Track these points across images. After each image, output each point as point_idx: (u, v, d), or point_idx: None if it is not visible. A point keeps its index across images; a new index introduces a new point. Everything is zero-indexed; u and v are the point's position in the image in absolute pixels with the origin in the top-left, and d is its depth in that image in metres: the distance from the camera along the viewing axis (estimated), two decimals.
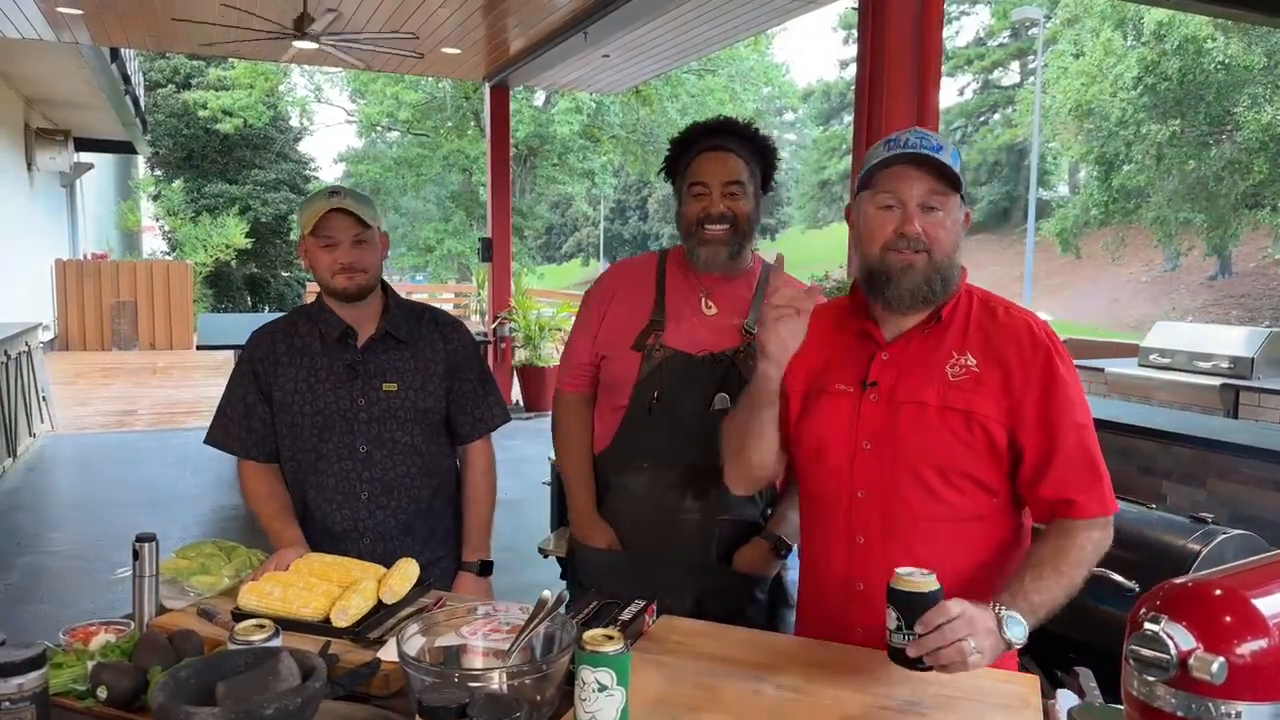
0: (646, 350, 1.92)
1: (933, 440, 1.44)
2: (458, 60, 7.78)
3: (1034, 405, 1.43)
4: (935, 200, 1.44)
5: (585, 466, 2.04)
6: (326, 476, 1.94)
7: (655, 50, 7.46)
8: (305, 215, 1.93)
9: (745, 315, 1.93)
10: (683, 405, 1.88)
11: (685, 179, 1.93)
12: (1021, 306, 1.52)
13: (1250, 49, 18.28)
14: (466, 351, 2.05)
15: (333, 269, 1.91)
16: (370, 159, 22.93)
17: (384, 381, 1.95)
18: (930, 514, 1.45)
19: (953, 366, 1.46)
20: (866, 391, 1.49)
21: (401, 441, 1.95)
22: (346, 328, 1.96)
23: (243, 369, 2.01)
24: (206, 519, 5.46)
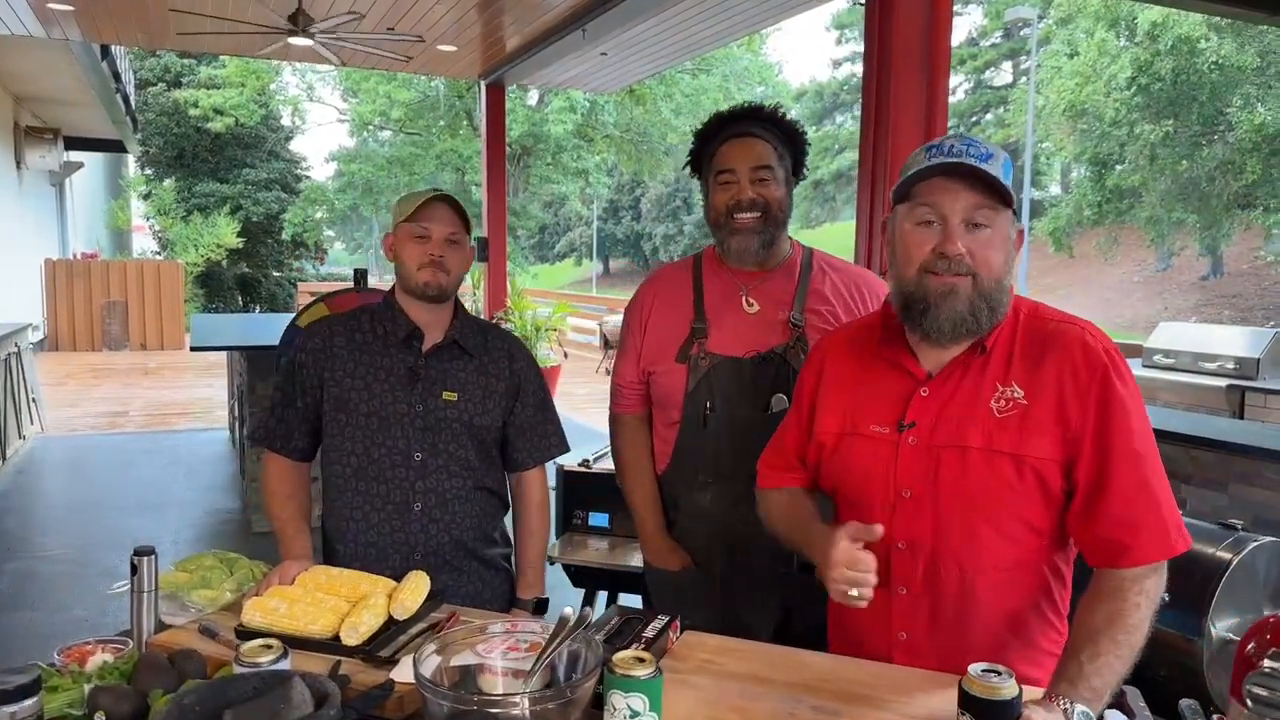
0: (691, 360, 1.84)
1: (977, 488, 1.31)
2: (454, 58, 7.70)
3: (1092, 435, 1.28)
4: (981, 216, 1.27)
5: (650, 488, 1.96)
6: (377, 483, 1.84)
7: (653, 48, 7.40)
8: (404, 204, 1.84)
9: (790, 308, 1.84)
10: (738, 412, 1.80)
11: (711, 169, 1.85)
12: (1076, 316, 1.37)
13: (1243, 49, 18.31)
14: (531, 375, 1.96)
15: (421, 261, 1.82)
16: (362, 158, 22.81)
17: (444, 390, 1.85)
18: (977, 564, 1.34)
19: (998, 400, 1.31)
20: (904, 434, 1.35)
21: (456, 455, 1.86)
22: (414, 329, 1.87)
23: (291, 358, 1.93)
24: (200, 523, 5.37)
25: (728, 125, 1.84)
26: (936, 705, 1.23)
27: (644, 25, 6.54)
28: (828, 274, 1.89)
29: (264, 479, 1.93)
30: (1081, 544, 1.33)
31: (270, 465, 1.92)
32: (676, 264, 2.02)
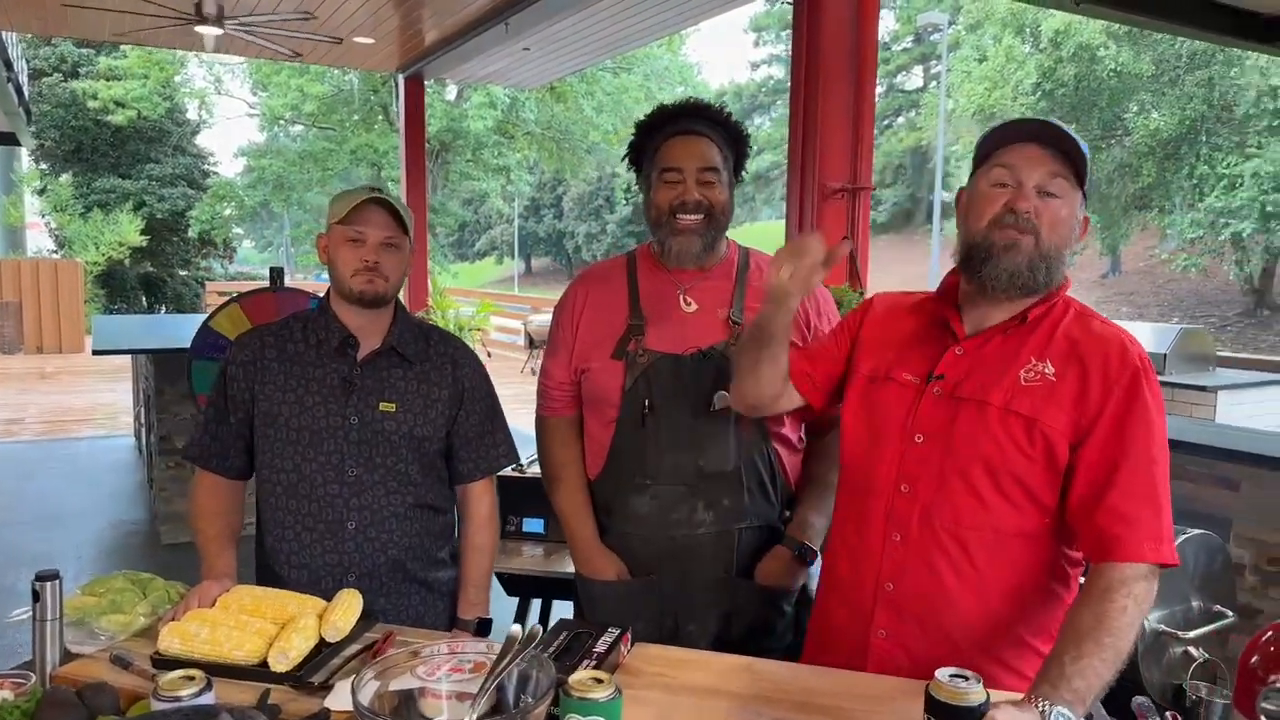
0: (629, 357, 1.77)
1: (989, 442, 1.34)
2: (371, 51, 7.50)
3: (1108, 424, 1.30)
4: (1056, 186, 1.33)
5: (581, 494, 1.88)
6: (309, 501, 1.73)
7: (576, 44, 7.34)
8: (338, 205, 1.74)
9: (729, 306, 1.80)
10: (678, 410, 1.75)
11: (654, 165, 1.79)
12: (1119, 325, 1.40)
13: (1139, 57, 19.16)
14: (477, 381, 1.86)
15: (355, 267, 1.72)
16: (273, 153, 22.11)
17: (381, 400, 1.75)
18: (974, 520, 1.35)
19: (1028, 371, 1.35)
20: (931, 384, 1.41)
21: (395, 469, 1.76)
22: (348, 336, 1.77)
23: (222, 371, 1.81)
24: (104, 537, 5.10)
25: (673, 121, 1.79)
26: (902, 712, 1.21)
27: (567, 21, 6.47)
28: (765, 273, 1.85)
29: (193, 493, 1.81)
30: (1079, 532, 1.34)
31: (202, 480, 1.80)
32: (608, 262, 1.96)
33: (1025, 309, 1.38)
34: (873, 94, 3.64)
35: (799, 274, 1.43)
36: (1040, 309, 1.39)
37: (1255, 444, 2.51)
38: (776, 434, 1.77)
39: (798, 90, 3.69)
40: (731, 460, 1.72)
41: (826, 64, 3.59)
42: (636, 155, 1.85)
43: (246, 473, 1.81)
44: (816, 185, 3.55)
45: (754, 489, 1.75)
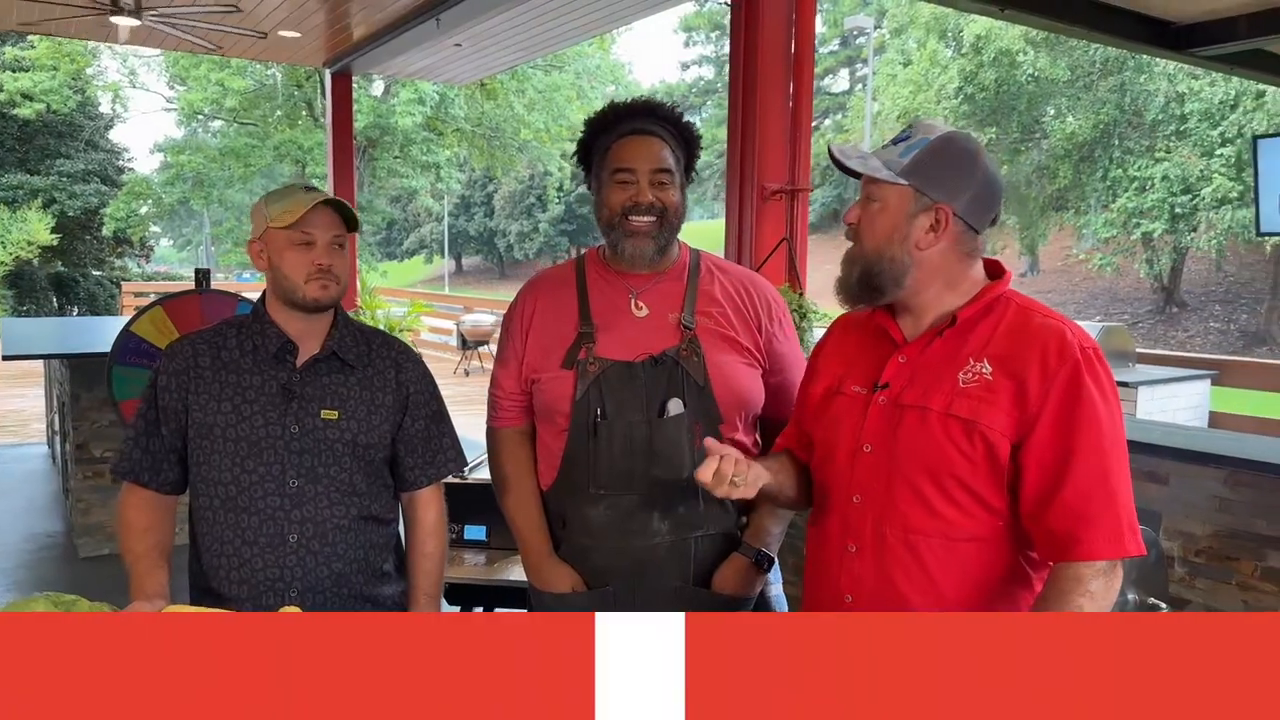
0: (579, 366, 1.73)
1: (929, 448, 1.34)
2: (297, 45, 7.30)
3: (1050, 420, 1.29)
4: (870, 190, 1.40)
5: (534, 506, 1.84)
6: (248, 515, 1.65)
7: (509, 41, 7.26)
8: (278, 207, 1.66)
9: (680, 310, 1.77)
10: (631, 418, 1.71)
11: (605, 166, 1.75)
12: (1064, 316, 1.39)
13: (1055, 63, 19.78)
14: (422, 385, 1.81)
15: (308, 273, 1.65)
16: (192, 149, 21.41)
17: (323, 407, 1.69)
18: (923, 527, 1.35)
19: (965, 373, 1.35)
20: (876, 393, 1.42)
21: (338, 479, 1.69)
22: (286, 342, 1.70)
23: (152, 382, 1.72)
24: (18, 550, 4.85)
25: (625, 120, 1.76)
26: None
27: (501, 17, 6.39)
28: (716, 276, 1.84)
29: (120, 509, 1.72)
30: (1033, 534, 1.33)
31: (129, 496, 1.71)
32: (557, 268, 1.92)
33: (953, 310, 1.39)
34: (810, 95, 3.66)
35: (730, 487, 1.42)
36: (972, 309, 1.38)
37: (1184, 440, 2.60)
38: (731, 440, 1.75)
39: (736, 91, 3.70)
40: (687, 467, 1.70)
41: (764, 65, 3.61)
42: (585, 154, 1.81)
43: (180, 487, 1.73)
44: (756, 186, 3.56)
45: (710, 496, 1.72)
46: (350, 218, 1.70)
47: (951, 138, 1.38)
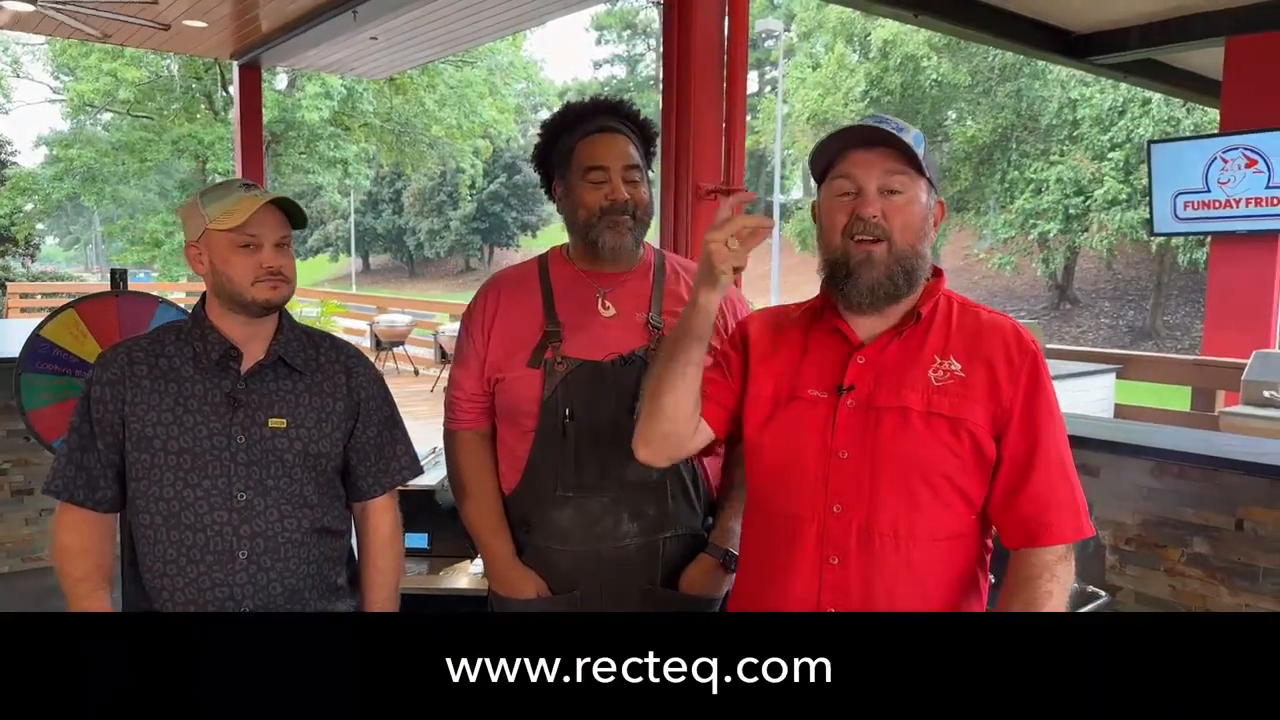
0: (546, 365, 1.69)
1: (919, 448, 1.33)
2: (202, 36, 7.00)
3: (1020, 412, 1.33)
4: (896, 182, 1.33)
5: (495, 510, 1.79)
6: (193, 531, 1.56)
7: (426, 36, 7.11)
8: (218, 207, 1.57)
9: (647, 310, 1.75)
10: (600, 419, 1.68)
11: (573, 165, 1.72)
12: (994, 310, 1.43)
13: (957, 68, 20.48)
14: (373, 390, 1.73)
15: (255, 276, 1.56)
16: (82, 142, 20.36)
17: (271, 416, 1.60)
18: (912, 529, 1.34)
19: (935, 370, 1.34)
20: (843, 397, 1.37)
21: (289, 491, 1.61)
22: (230, 347, 1.61)
23: (85, 393, 1.61)
24: None
25: (590, 118, 1.73)
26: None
27: (419, 11, 6.25)
28: (681, 275, 1.83)
29: (55, 532, 1.61)
30: (1001, 523, 1.36)
31: (64, 516, 1.60)
32: (518, 267, 1.88)
33: (914, 306, 1.39)
34: (744, 94, 3.67)
35: (741, 236, 1.31)
36: (928, 306, 1.38)
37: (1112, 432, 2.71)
38: None
39: (669, 90, 3.68)
40: (656, 469, 1.68)
41: (698, 64, 3.60)
42: (544, 155, 1.78)
43: (118, 504, 1.63)
44: (690, 186, 3.55)
45: (678, 496, 1.73)
46: (297, 214, 1.63)
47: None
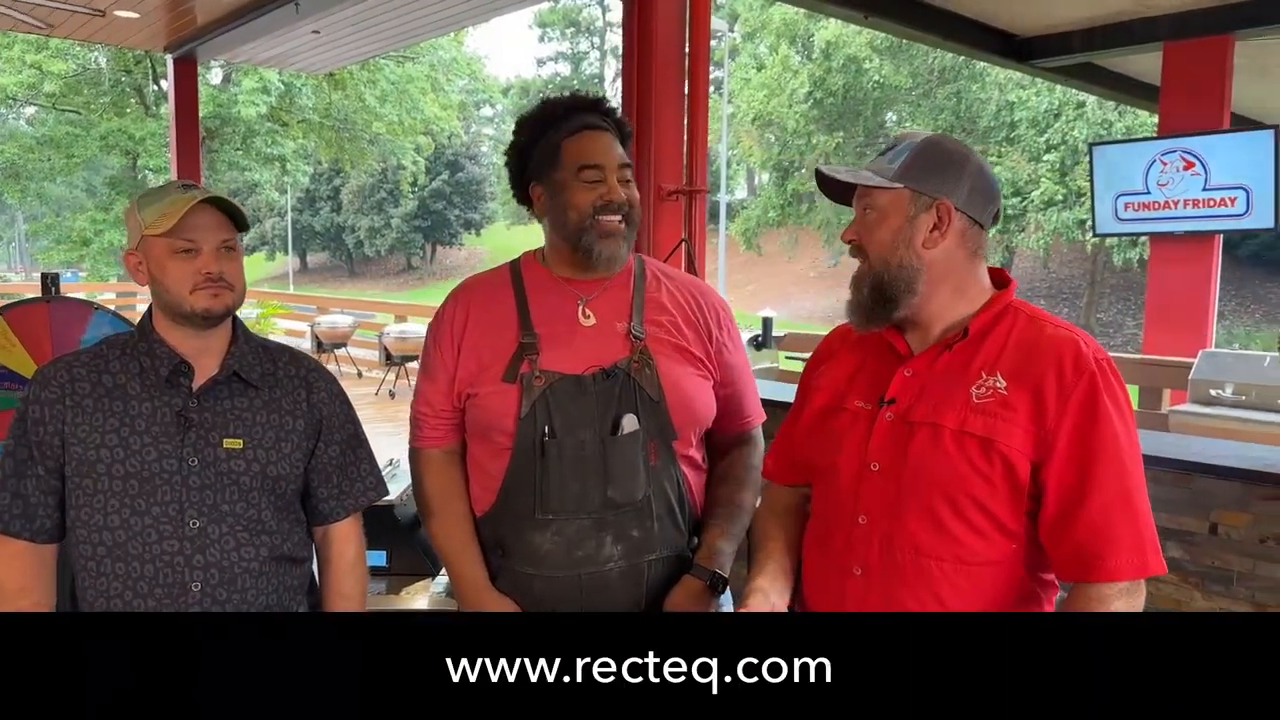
0: (524, 380, 1.59)
1: (945, 467, 1.28)
2: (135, 26, 6.71)
3: (1070, 436, 1.24)
4: (864, 203, 1.36)
5: (467, 533, 1.68)
6: (141, 563, 1.44)
7: (370, 31, 6.93)
8: (153, 210, 1.45)
9: (629, 319, 1.66)
10: (581, 436, 1.58)
11: (562, 165, 1.62)
12: (1074, 325, 1.35)
13: (899, 70, 20.78)
14: (336, 407, 1.63)
15: (194, 283, 1.45)
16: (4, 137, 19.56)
17: (226, 436, 1.49)
18: (936, 551, 1.29)
19: (979, 388, 1.29)
20: (883, 409, 1.35)
21: (246, 517, 1.49)
22: (180, 362, 1.49)
23: (21, 414, 1.48)
24: None
25: (575, 114, 1.63)
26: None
27: (363, 6, 6.08)
28: (663, 282, 1.74)
29: None
30: (1054, 554, 1.28)
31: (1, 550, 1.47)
32: (489, 273, 1.78)
33: (963, 320, 1.34)
34: (706, 95, 3.62)
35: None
36: (982, 318, 1.33)
37: None
38: (684, 456, 1.66)
39: (630, 90, 3.61)
40: (642, 488, 1.59)
41: (659, 63, 3.54)
42: (524, 153, 1.68)
43: (58, 534, 1.50)
44: (652, 187, 3.49)
45: (663, 516, 1.63)
46: (238, 216, 1.51)
47: (937, 138, 1.37)
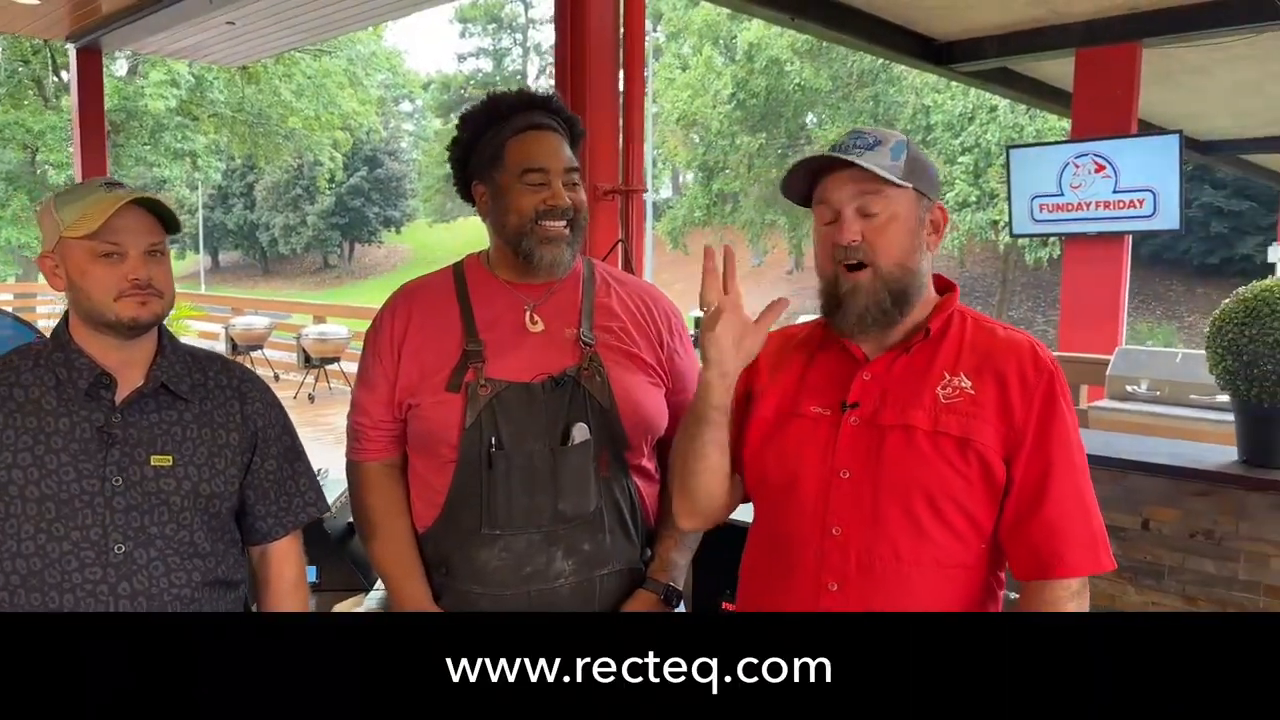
0: (468, 389, 1.52)
1: (924, 468, 1.26)
2: (34, 14, 6.37)
3: (1032, 435, 1.26)
4: (869, 202, 1.27)
5: (408, 550, 1.60)
6: (59, 593, 1.33)
7: (288, 23, 6.71)
8: (72, 210, 1.34)
9: (577, 325, 1.60)
10: (530, 447, 1.52)
11: (504, 167, 1.56)
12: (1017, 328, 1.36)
13: (819, 73, 21.10)
14: (271, 418, 1.54)
15: (118, 289, 1.35)
16: None
17: (153, 453, 1.39)
18: (916, 556, 1.27)
19: (944, 388, 1.28)
20: (846, 414, 1.30)
21: (176, 540, 1.40)
22: (101, 374, 1.38)
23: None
24: None
25: (520, 113, 1.57)
26: None
27: None
28: (613, 287, 1.69)
29: None
30: (1012, 552, 1.30)
31: None
32: (429, 277, 1.71)
33: (923, 321, 1.33)
34: (642, 92, 3.57)
35: (749, 342, 1.32)
36: (939, 320, 1.33)
37: None
38: (636, 466, 1.62)
39: (563, 88, 3.54)
40: (593, 500, 1.54)
41: (593, 61, 3.48)
42: (465, 152, 1.62)
43: None
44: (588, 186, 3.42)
45: (615, 529, 1.58)
46: (169, 218, 1.42)
47: (911, 141, 1.34)
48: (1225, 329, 2.16)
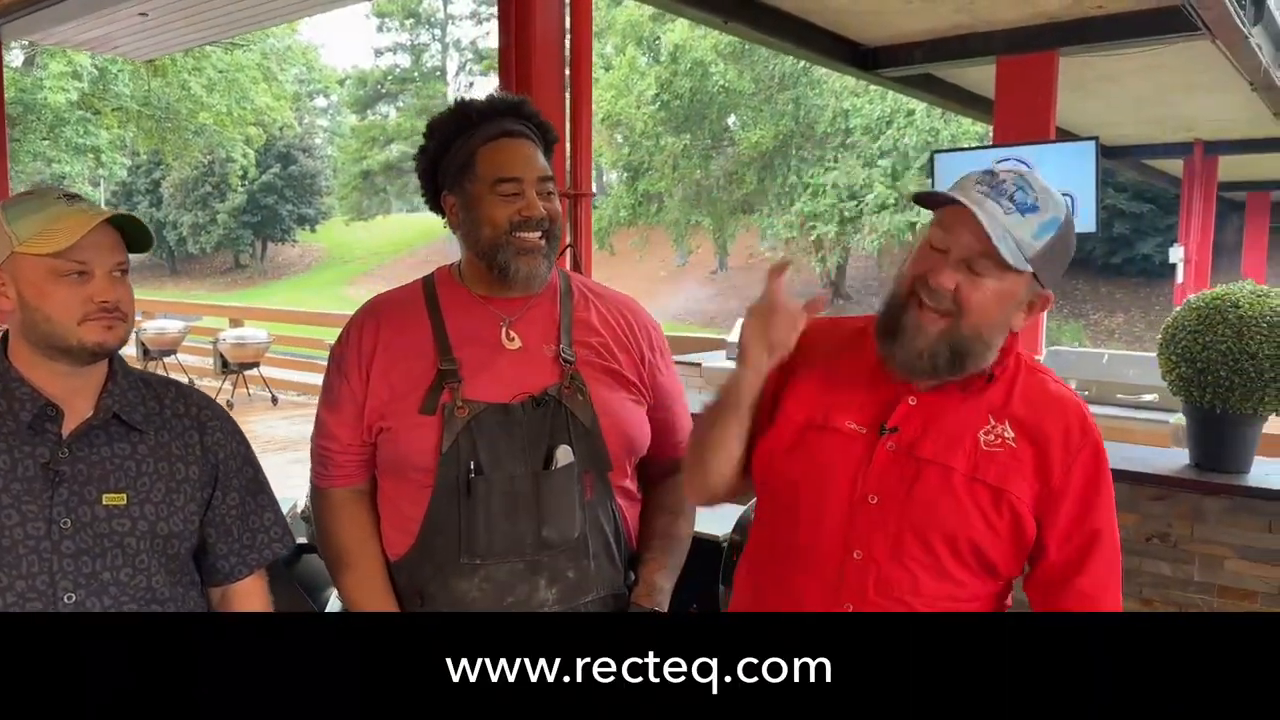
0: (445, 411, 1.44)
1: (956, 513, 1.23)
2: None
3: (1075, 500, 1.24)
4: (983, 264, 1.18)
5: (380, 581, 1.51)
6: None
7: (203, 16, 6.44)
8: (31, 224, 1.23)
9: (556, 341, 1.53)
10: (511, 471, 1.45)
11: (476, 176, 1.48)
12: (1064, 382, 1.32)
13: (742, 75, 21.29)
14: (232, 449, 1.43)
15: (85, 311, 1.24)
16: None
17: (105, 490, 1.28)
18: (933, 590, 1.24)
19: (987, 434, 1.24)
20: (884, 437, 1.26)
21: (132, 585, 1.29)
22: (45, 405, 1.26)
23: None
24: None
25: (492, 120, 1.50)
26: None
27: None
28: (591, 300, 1.62)
29: None
30: (1038, 606, 1.30)
31: None
32: (397, 291, 1.61)
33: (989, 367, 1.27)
34: (589, 94, 3.51)
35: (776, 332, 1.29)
36: (1000, 367, 1.27)
37: None
38: (619, 487, 1.56)
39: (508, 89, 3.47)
40: (578, 525, 1.48)
41: (539, 61, 3.41)
42: (434, 159, 1.53)
43: None
44: None
45: (600, 554, 1.52)
46: (142, 236, 1.31)
47: (1071, 219, 1.24)
48: (1179, 336, 2.21)
